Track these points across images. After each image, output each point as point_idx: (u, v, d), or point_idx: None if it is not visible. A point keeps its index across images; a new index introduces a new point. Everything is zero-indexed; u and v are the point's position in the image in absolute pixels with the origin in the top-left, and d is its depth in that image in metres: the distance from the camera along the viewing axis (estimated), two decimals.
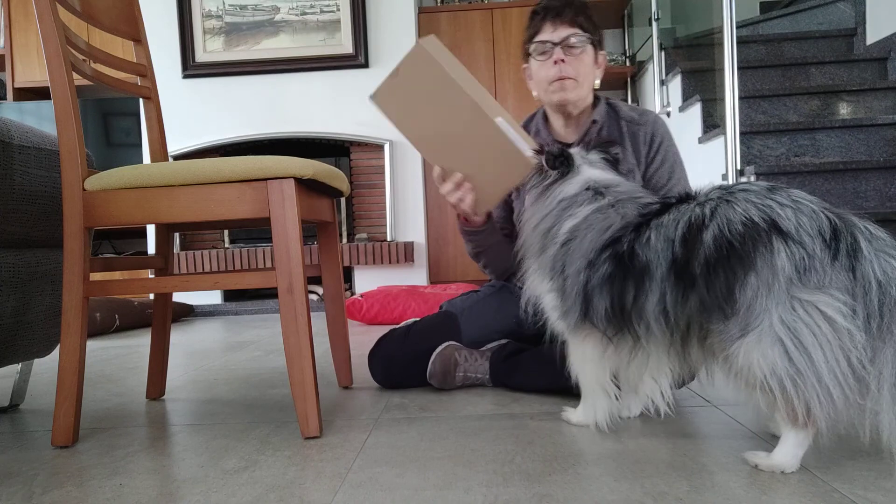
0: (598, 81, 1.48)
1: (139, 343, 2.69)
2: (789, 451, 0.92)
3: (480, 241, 1.49)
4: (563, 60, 1.39)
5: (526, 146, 1.22)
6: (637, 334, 1.02)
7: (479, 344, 1.55)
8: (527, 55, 1.48)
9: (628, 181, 1.18)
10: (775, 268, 0.86)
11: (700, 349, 0.99)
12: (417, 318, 1.64)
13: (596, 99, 1.51)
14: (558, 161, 1.17)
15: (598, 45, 1.45)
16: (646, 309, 0.99)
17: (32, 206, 1.32)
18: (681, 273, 0.95)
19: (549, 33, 1.40)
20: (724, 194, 0.96)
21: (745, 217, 0.90)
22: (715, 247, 0.91)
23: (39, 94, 4.44)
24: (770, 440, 1.06)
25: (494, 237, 1.49)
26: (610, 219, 1.06)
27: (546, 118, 1.55)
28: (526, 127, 1.58)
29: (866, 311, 0.84)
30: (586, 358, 1.13)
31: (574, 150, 1.21)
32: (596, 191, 1.12)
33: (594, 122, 1.47)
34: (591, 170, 1.17)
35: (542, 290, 1.17)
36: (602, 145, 1.22)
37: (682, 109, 3.36)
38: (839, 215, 0.89)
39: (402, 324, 1.64)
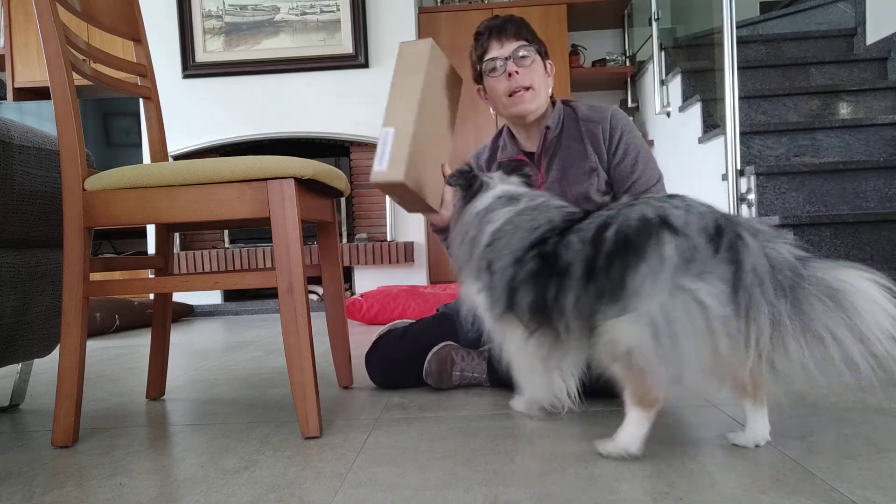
0: (550, 89, 1.52)
1: (139, 343, 2.69)
2: (630, 431, 0.98)
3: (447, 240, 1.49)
4: (516, 72, 1.42)
5: (386, 160, 1.22)
6: (557, 330, 1.06)
7: (476, 345, 1.55)
8: (479, 76, 1.51)
9: (544, 193, 1.24)
10: (663, 256, 0.92)
11: None
12: (409, 321, 1.64)
13: (553, 104, 1.53)
14: (461, 179, 1.26)
15: (544, 54, 1.49)
16: (565, 306, 1.04)
17: (32, 206, 1.32)
18: (591, 270, 1.01)
19: (498, 50, 1.44)
20: (631, 200, 1.03)
21: (641, 214, 0.97)
22: (615, 241, 0.98)
23: (39, 94, 4.44)
24: (771, 439, 1.06)
25: None
26: (537, 220, 1.12)
27: (511, 132, 1.58)
28: (494, 143, 1.62)
29: (747, 299, 0.90)
30: (518, 348, 1.17)
31: (494, 174, 1.29)
32: (510, 197, 1.19)
33: (547, 128, 1.49)
34: (503, 187, 1.24)
35: (473, 293, 1.21)
36: (515, 170, 1.30)
37: (682, 109, 3.36)
38: (727, 217, 0.95)
39: (393, 323, 1.64)
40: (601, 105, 1.53)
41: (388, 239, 3.88)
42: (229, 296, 4.02)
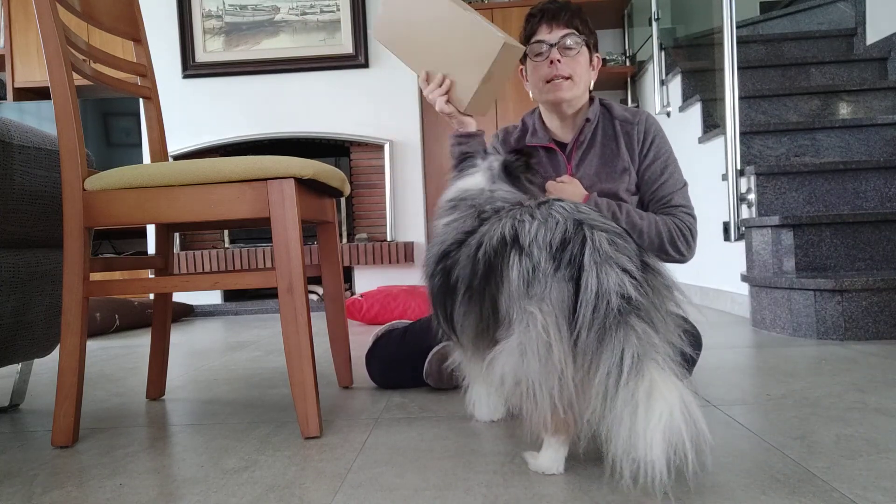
0: (592, 83, 1.50)
1: (139, 343, 2.69)
2: (547, 455, 0.95)
3: (472, 148, 1.42)
4: (558, 60, 1.41)
5: (495, 29, 1.26)
6: (460, 342, 1.05)
7: None
8: (523, 56, 1.50)
9: (502, 187, 1.16)
10: (511, 279, 0.89)
11: None
12: (408, 321, 1.64)
13: (591, 99, 1.52)
14: (459, 157, 1.23)
15: (592, 47, 1.48)
16: (454, 321, 1.03)
17: (32, 206, 1.32)
18: (470, 292, 0.98)
19: (546, 34, 1.43)
20: (509, 210, 0.99)
21: (501, 234, 0.94)
22: (484, 263, 0.95)
23: (39, 94, 4.44)
24: (771, 440, 1.06)
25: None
26: (449, 234, 1.08)
27: (542, 118, 1.56)
28: (523, 125, 1.59)
29: (579, 323, 0.83)
30: (461, 357, 1.17)
31: (492, 157, 1.21)
32: (455, 204, 1.13)
33: (587, 120, 1.48)
34: (473, 179, 1.17)
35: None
36: (513, 151, 1.21)
37: (682, 109, 3.36)
38: (581, 223, 0.89)
39: (391, 323, 1.64)
40: (634, 108, 1.53)
41: (388, 239, 3.88)
42: (229, 296, 4.02)
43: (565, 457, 0.95)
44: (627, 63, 4.48)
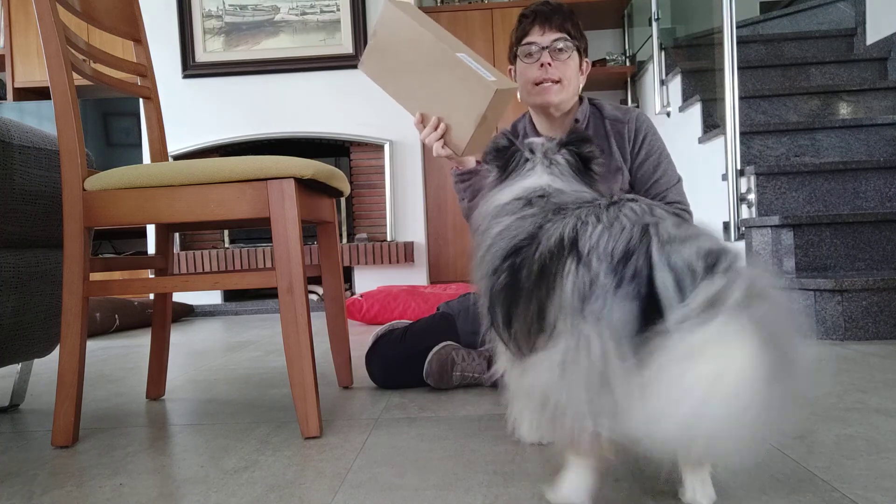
0: (581, 87, 1.50)
1: (139, 343, 2.69)
2: (570, 479, 0.82)
3: (475, 184, 1.39)
4: (549, 64, 1.41)
5: (487, 73, 1.25)
6: (519, 347, 0.92)
7: (477, 345, 1.55)
8: (513, 57, 1.51)
9: (576, 187, 1.04)
10: (565, 290, 0.77)
11: None
12: (408, 321, 1.64)
13: (580, 100, 1.52)
14: (499, 155, 1.10)
15: (583, 52, 1.48)
16: (513, 324, 0.90)
17: (32, 206, 1.32)
18: (527, 294, 0.87)
19: (538, 36, 1.43)
20: (576, 207, 0.87)
21: (560, 235, 0.82)
22: (539, 264, 0.84)
23: (39, 94, 4.44)
24: (771, 440, 1.06)
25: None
26: (523, 227, 0.94)
27: (532, 121, 1.56)
28: (514, 129, 1.60)
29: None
30: (507, 366, 1.03)
31: (538, 144, 1.09)
32: (529, 200, 0.99)
33: (576, 121, 1.48)
34: (538, 177, 1.04)
35: (478, 290, 1.06)
36: (575, 141, 1.09)
37: (682, 109, 3.36)
38: (647, 227, 0.76)
39: (391, 323, 1.64)
40: (625, 107, 1.53)
41: (388, 239, 3.88)
42: (229, 296, 4.02)
43: (589, 487, 0.81)
44: (627, 63, 4.48)
